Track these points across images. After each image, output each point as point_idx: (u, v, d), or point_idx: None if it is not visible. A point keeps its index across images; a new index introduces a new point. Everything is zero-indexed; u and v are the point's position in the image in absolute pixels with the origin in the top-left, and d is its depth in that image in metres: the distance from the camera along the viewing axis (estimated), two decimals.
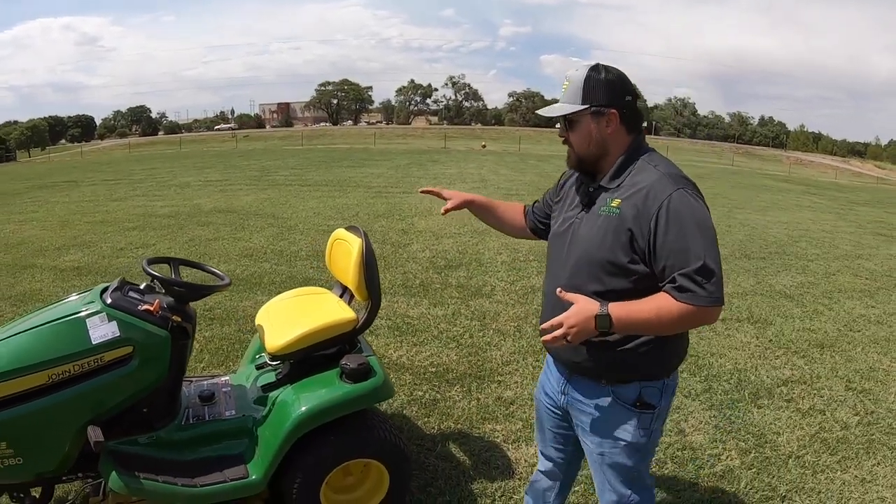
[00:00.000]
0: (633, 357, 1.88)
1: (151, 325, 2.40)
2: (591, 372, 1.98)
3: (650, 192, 1.76)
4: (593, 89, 1.83)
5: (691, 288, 1.68)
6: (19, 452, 2.26)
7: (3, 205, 15.50)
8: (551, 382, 2.20)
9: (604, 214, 1.85)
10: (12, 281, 7.24)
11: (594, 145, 1.89)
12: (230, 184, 17.48)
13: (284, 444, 2.43)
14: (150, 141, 75.46)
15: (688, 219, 1.72)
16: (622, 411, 1.96)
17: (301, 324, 2.69)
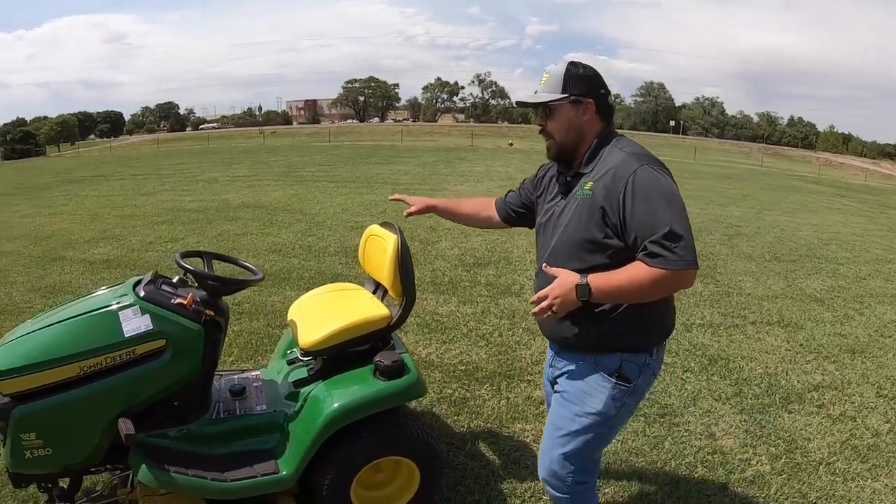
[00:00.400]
0: (617, 326, 2.01)
1: (184, 318, 2.39)
2: (576, 345, 2.12)
3: (617, 171, 1.93)
4: (573, 81, 2.03)
5: (661, 253, 1.80)
6: (48, 443, 2.26)
7: (33, 198, 15.83)
8: (547, 361, 2.40)
9: (579, 198, 2.02)
10: (42, 273, 7.35)
11: (573, 131, 2.07)
12: (258, 179, 17.63)
13: (316, 440, 2.41)
14: (178, 137, 76.53)
15: (652, 190, 1.86)
16: (600, 379, 2.09)
17: (334, 320, 2.68)
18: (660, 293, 1.90)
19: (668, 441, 3.54)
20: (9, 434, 2.24)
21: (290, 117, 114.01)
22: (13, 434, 2.23)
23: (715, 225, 10.61)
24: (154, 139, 69.77)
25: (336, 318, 2.69)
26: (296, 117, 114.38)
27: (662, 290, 1.89)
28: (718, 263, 7.80)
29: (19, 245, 9.15)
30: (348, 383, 2.58)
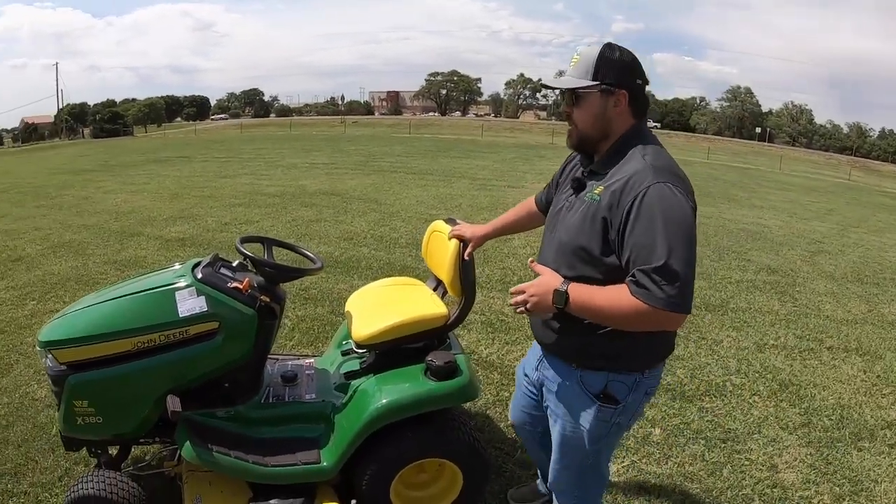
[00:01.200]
0: (602, 345, 1.89)
1: (239, 302, 2.43)
2: (561, 353, 2.03)
3: (629, 182, 1.75)
4: (605, 67, 1.83)
5: (647, 286, 1.64)
6: (100, 412, 2.37)
7: (118, 176, 16.60)
8: (530, 361, 2.35)
9: (587, 201, 1.87)
10: (119, 247, 7.65)
11: (599, 124, 1.88)
12: (336, 167, 17.91)
13: (360, 434, 2.40)
14: (261, 122, 78.83)
15: (658, 214, 1.67)
16: (584, 399, 1.99)
17: (390, 315, 2.64)
18: (639, 327, 1.74)
19: (727, 469, 3.32)
20: (63, 400, 2.35)
21: (372, 108, 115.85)
22: (67, 400, 2.34)
23: (797, 240, 10.01)
24: (238, 124, 72.19)
25: (392, 314, 2.65)
26: (378, 108, 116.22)
27: (642, 325, 1.72)
28: (798, 281, 7.32)
29: (100, 219, 9.57)
30: (398, 380, 2.53)
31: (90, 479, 2.39)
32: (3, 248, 7.83)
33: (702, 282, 6.81)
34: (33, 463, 3.14)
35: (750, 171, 30.38)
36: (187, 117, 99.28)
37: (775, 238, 9.97)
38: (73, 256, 7.26)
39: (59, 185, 14.59)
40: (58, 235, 8.46)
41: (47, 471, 3.07)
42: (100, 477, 2.38)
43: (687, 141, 63.37)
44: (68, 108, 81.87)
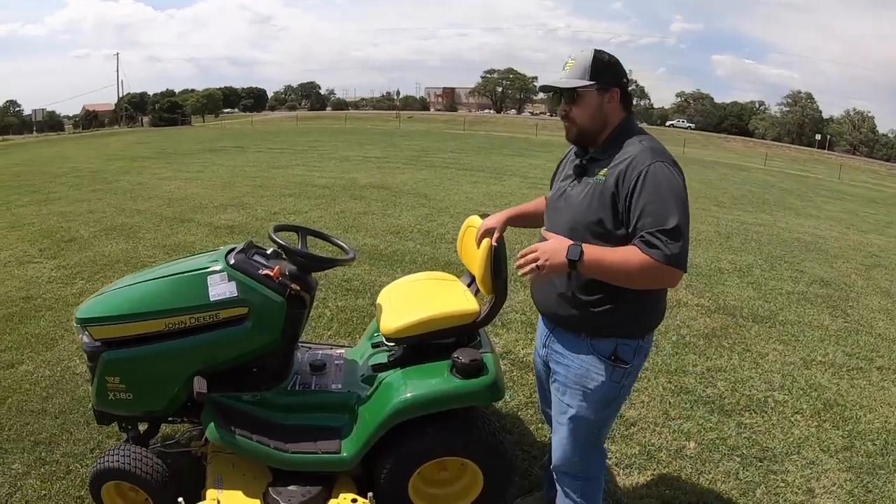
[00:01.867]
0: (614, 312, 2.09)
1: (269, 289, 2.49)
2: (572, 325, 2.20)
3: (633, 161, 1.99)
4: (600, 68, 2.08)
5: (657, 245, 1.87)
6: (130, 389, 2.47)
7: (174, 163, 17.07)
8: (539, 341, 2.47)
9: (592, 182, 2.09)
10: (169, 232, 7.88)
11: (597, 118, 2.12)
12: (388, 161, 18.04)
13: (381, 427, 2.41)
14: (317, 115, 79.97)
15: (664, 186, 1.93)
16: (597, 362, 2.17)
17: (419, 309, 2.65)
18: (644, 283, 1.99)
19: (760, 489, 3.20)
20: (96, 375, 2.47)
21: (427, 104, 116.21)
22: (100, 376, 2.46)
23: (852, 252, 9.58)
24: (294, 116, 73.48)
25: (421, 308, 2.65)
26: (433, 104, 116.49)
27: (648, 281, 1.97)
28: (851, 295, 6.99)
29: (154, 205, 9.88)
30: (423, 375, 2.54)
31: (117, 452, 2.49)
32: (58, 228, 8.17)
33: (751, 291, 6.67)
34: (68, 434, 3.28)
35: (808, 179, 29.38)
36: (245, 108, 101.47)
37: (830, 249, 9.62)
38: (123, 239, 7.52)
39: (115, 171, 15.09)
40: (111, 219, 8.77)
41: (80, 442, 3.21)
42: (126, 451, 2.48)
43: (744, 146, 61.68)
44: (128, 97, 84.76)
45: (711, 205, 13.34)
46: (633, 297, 2.07)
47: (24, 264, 6.51)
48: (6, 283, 5.83)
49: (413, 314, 2.61)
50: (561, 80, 2.12)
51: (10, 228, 8.36)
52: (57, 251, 7.03)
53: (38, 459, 3.08)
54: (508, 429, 3.54)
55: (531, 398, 3.85)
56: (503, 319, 5.06)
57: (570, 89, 2.09)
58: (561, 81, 2.11)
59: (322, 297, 5.33)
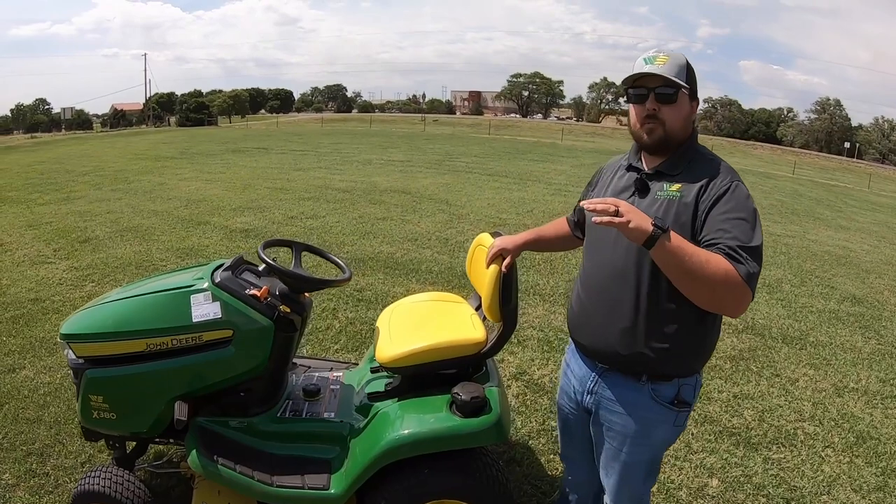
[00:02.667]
0: (678, 354, 1.93)
1: (256, 311, 2.36)
2: (632, 367, 1.99)
3: (714, 178, 1.86)
4: (692, 75, 1.93)
5: (740, 260, 1.70)
6: (113, 409, 2.37)
7: (196, 163, 17.17)
8: (573, 383, 2.24)
9: (662, 198, 1.90)
10: (184, 234, 7.86)
11: (685, 126, 1.95)
12: (411, 165, 18.00)
13: (371, 466, 2.24)
14: (343, 118, 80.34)
15: (749, 206, 1.81)
16: (660, 410, 2.00)
17: (420, 336, 2.48)
18: (715, 293, 1.72)
19: None
20: (80, 392, 2.38)
21: (453, 107, 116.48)
22: (84, 394, 2.37)
23: (885, 267, 9.26)
24: (319, 118, 73.91)
25: (421, 336, 2.48)
26: (459, 107, 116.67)
27: (720, 292, 1.71)
28: (884, 314, 6.71)
29: (172, 206, 9.89)
30: (420, 410, 2.35)
31: (98, 474, 2.41)
32: (75, 228, 8.21)
33: (780, 309, 6.44)
34: (60, 445, 3.22)
35: (837, 188, 28.71)
36: (271, 110, 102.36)
37: (862, 264, 9.31)
38: (138, 241, 7.51)
39: (137, 171, 15.20)
40: (128, 219, 8.80)
41: (71, 455, 3.14)
42: (107, 474, 2.40)
43: (772, 153, 60.99)
44: (156, 96, 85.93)
45: None
46: (701, 329, 1.93)
47: (38, 265, 6.52)
48: (17, 284, 5.84)
49: (412, 342, 2.44)
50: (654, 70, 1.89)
51: (28, 227, 8.42)
52: (71, 251, 7.05)
53: (28, 471, 3.02)
54: (517, 459, 3.34)
55: (544, 425, 3.67)
56: (519, 337, 4.89)
57: (671, 87, 1.87)
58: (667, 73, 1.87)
59: (332, 307, 5.25)
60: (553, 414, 3.72)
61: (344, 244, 7.56)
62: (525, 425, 3.66)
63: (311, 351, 4.41)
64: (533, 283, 6.35)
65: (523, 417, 3.76)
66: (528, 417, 3.77)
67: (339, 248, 7.35)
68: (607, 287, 1.98)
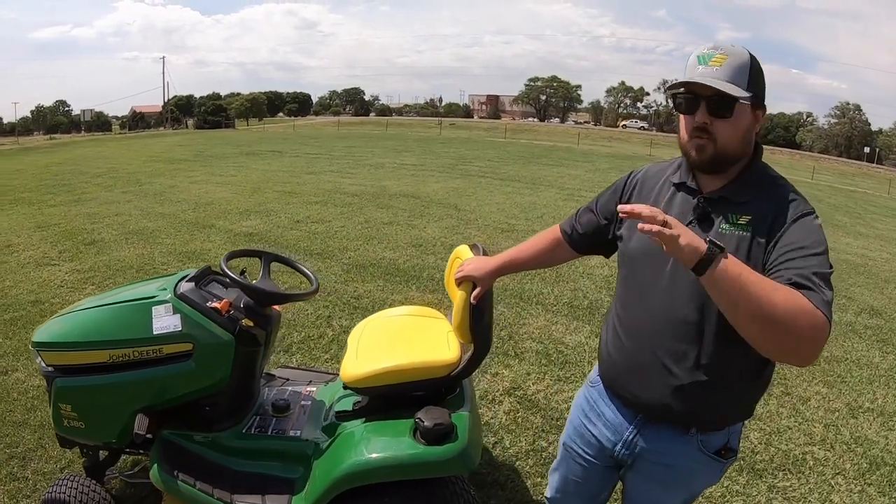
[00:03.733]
0: (733, 404, 1.73)
1: (216, 325, 2.33)
2: (682, 420, 1.76)
3: (790, 205, 1.60)
4: (758, 77, 1.62)
5: (814, 287, 1.41)
6: (82, 418, 2.39)
7: (208, 166, 17.33)
8: (603, 431, 1.96)
9: (727, 232, 1.61)
10: (188, 238, 7.91)
11: (743, 143, 1.65)
12: (423, 169, 18.02)
13: (329, 491, 2.15)
14: (360, 121, 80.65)
15: (824, 238, 1.55)
16: (706, 461, 1.79)
17: (387, 356, 2.40)
18: (781, 328, 1.36)
19: None
20: (52, 400, 2.41)
21: (471, 111, 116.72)
22: (54, 402, 2.40)
23: None
24: (336, 121, 74.26)
25: (389, 355, 2.40)
26: (477, 111, 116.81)
27: (788, 327, 1.35)
28: None
29: (179, 209, 9.98)
30: (383, 434, 2.25)
31: (65, 483, 2.45)
32: (82, 230, 8.31)
33: None
34: (42, 450, 3.25)
35: (856, 194, 28.44)
36: (289, 113, 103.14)
37: (881, 273, 9.13)
38: (142, 244, 7.58)
39: (150, 173, 15.36)
40: (135, 222, 8.88)
41: (52, 460, 3.17)
42: (75, 483, 2.44)
43: (791, 158, 60.40)
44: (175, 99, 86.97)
45: None
46: (763, 376, 1.72)
47: (42, 266, 6.60)
48: (19, 286, 5.91)
49: (378, 361, 2.35)
50: (716, 80, 1.56)
51: (37, 228, 8.54)
52: (75, 253, 7.13)
53: (9, 474, 3.05)
54: (501, 482, 3.19)
55: (534, 445, 3.55)
56: (517, 349, 4.81)
57: (730, 97, 1.55)
58: (720, 83, 1.55)
59: (326, 315, 5.24)
60: (545, 433, 3.66)
61: (347, 249, 7.57)
62: (514, 444, 3.54)
63: (302, 359, 4.40)
64: (536, 291, 6.28)
65: (513, 436, 3.63)
66: (518, 436, 3.63)
67: (341, 253, 7.37)
68: (662, 339, 1.70)
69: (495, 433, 3.65)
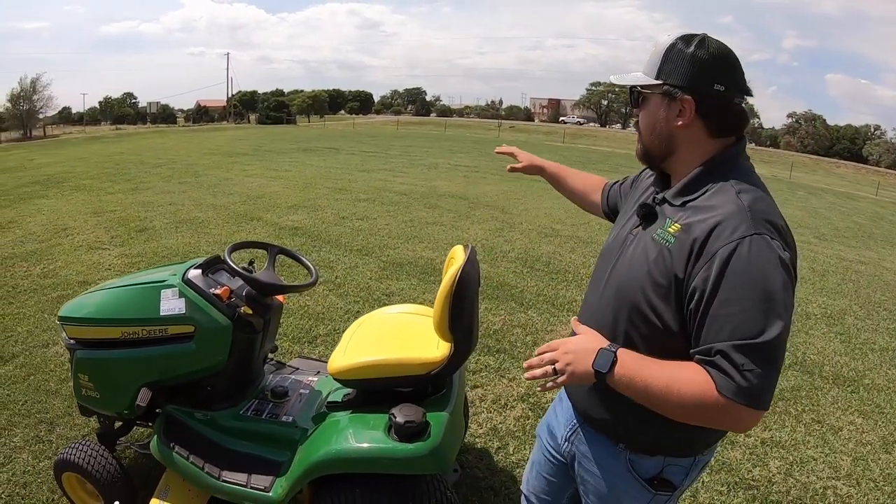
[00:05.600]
0: (663, 431, 1.53)
1: (216, 310, 2.50)
2: (606, 430, 1.66)
3: (718, 228, 1.37)
4: (673, 63, 1.48)
5: (725, 368, 1.29)
6: (97, 388, 2.61)
7: (265, 160, 17.77)
8: (559, 421, 1.90)
9: (657, 241, 1.49)
10: (235, 229, 8.19)
11: (657, 136, 1.54)
12: (475, 171, 18.10)
13: (303, 476, 2.29)
14: (420, 121, 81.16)
15: (756, 277, 1.31)
16: (634, 486, 1.64)
17: (373, 350, 2.53)
18: (695, 419, 1.38)
19: None
20: (73, 371, 2.64)
21: (532, 114, 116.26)
22: (74, 372, 2.63)
23: None
24: (396, 120, 75.00)
25: (375, 349, 2.53)
26: (538, 115, 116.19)
27: (700, 418, 1.36)
28: None
29: (230, 201, 10.32)
30: (360, 427, 2.33)
31: (76, 446, 2.67)
32: (135, 218, 8.69)
33: (838, 344, 5.88)
34: (69, 417, 3.51)
35: None
36: (351, 111, 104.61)
37: None
38: (190, 233, 7.90)
39: (207, 165, 15.87)
40: (186, 212, 9.24)
41: (77, 427, 3.43)
42: (84, 447, 2.65)
43: (856, 172, 58.13)
44: (239, 94, 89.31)
45: (812, 236, 12.59)
46: None
47: (93, 250, 6.96)
48: (70, 267, 6.26)
49: (362, 355, 2.48)
50: (628, 74, 1.59)
51: (93, 214, 8.97)
52: (126, 239, 7.48)
53: (36, 437, 3.33)
54: (496, 488, 3.19)
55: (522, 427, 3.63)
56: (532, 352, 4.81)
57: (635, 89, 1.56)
58: (623, 77, 1.60)
59: (355, 310, 5.38)
60: None
61: (386, 247, 7.72)
62: (517, 452, 3.52)
63: (324, 352, 4.53)
64: (570, 298, 6.29)
65: (518, 443, 3.59)
66: (523, 443, 3.59)
67: (380, 250, 7.52)
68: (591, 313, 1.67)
69: (501, 438, 3.66)
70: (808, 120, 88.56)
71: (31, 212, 9.24)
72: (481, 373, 4.43)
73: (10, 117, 63.56)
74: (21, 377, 3.96)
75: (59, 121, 79.03)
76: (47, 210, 9.37)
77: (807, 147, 79.79)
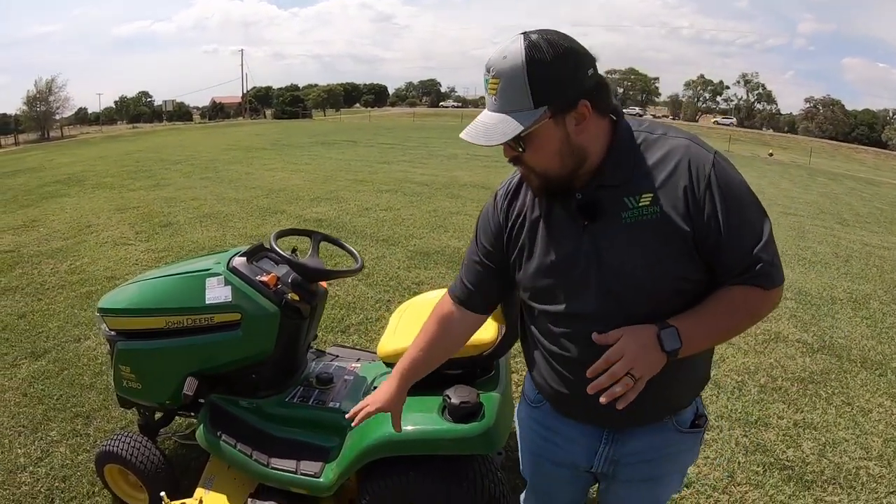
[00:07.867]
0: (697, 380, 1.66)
1: (263, 297, 2.46)
2: (654, 416, 1.63)
3: (691, 165, 1.37)
4: (543, 81, 1.27)
5: (763, 269, 1.38)
6: (139, 379, 2.58)
7: (284, 154, 17.84)
8: (574, 452, 1.75)
9: (632, 221, 1.38)
10: (259, 222, 8.19)
11: (564, 157, 1.36)
12: (496, 161, 17.93)
13: (355, 461, 2.23)
14: (436, 112, 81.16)
15: (739, 187, 1.41)
16: (685, 438, 1.69)
17: None
18: (757, 319, 1.50)
19: None
20: (113, 362, 2.61)
21: None
22: (115, 364, 2.60)
23: None
24: (412, 112, 74.97)
25: None
26: None
27: (761, 316, 1.50)
28: None
29: (252, 195, 10.33)
30: (412, 410, 2.19)
31: (119, 437, 2.64)
32: (159, 213, 8.73)
33: (864, 328, 5.73)
34: (105, 411, 3.49)
35: None
36: (366, 104, 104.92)
37: None
38: (215, 227, 7.91)
39: (227, 160, 15.96)
40: (209, 206, 9.27)
41: (114, 419, 3.41)
42: (127, 438, 2.62)
43: (876, 157, 57.33)
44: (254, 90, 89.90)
45: (834, 222, 12.25)
46: None
47: (119, 246, 6.99)
48: (97, 263, 6.28)
49: (412, 338, 2.36)
50: (491, 127, 1.31)
51: (117, 210, 9.02)
52: (151, 234, 7.50)
53: (73, 430, 3.31)
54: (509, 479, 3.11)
55: None
56: None
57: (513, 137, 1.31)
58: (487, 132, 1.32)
59: (386, 300, 5.36)
60: None
61: (412, 237, 7.68)
62: None
63: (357, 341, 4.52)
64: None
65: None
66: None
67: (406, 240, 7.47)
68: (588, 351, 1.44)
69: None
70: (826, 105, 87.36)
71: (54, 210, 9.33)
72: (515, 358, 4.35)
73: (27, 119, 64.30)
74: (54, 372, 3.96)
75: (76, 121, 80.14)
76: (70, 208, 9.46)
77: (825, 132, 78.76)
